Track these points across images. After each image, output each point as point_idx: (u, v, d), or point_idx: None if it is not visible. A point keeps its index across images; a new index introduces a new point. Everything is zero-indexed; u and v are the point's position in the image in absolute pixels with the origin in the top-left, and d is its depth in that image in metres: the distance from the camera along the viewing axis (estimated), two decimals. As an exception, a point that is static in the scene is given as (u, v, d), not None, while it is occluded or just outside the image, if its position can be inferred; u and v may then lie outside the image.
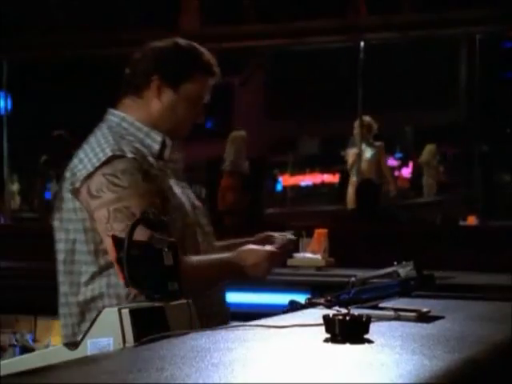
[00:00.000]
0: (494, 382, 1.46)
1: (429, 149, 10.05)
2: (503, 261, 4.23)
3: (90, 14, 7.99)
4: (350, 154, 8.11)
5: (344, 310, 1.81)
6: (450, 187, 10.47)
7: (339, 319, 1.48)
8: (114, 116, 2.24)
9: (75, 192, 2.12)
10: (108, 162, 2.09)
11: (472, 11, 6.48)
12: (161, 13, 7.93)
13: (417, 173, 10.54)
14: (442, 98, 10.81)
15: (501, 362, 1.52)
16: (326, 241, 4.32)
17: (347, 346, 1.45)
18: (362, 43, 7.49)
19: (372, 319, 1.53)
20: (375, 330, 1.56)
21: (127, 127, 2.20)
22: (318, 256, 4.24)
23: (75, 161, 2.16)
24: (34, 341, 4.39)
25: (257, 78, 9.17)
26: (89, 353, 1.55)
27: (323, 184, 11.27)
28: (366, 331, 1.50)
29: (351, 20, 6.96)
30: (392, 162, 11.91)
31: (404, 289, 1.97)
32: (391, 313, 1.84)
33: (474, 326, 1.79)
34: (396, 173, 11.77)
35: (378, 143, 7.97)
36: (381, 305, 1.90)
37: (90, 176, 2.09)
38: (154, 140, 2.20)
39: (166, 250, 1.69)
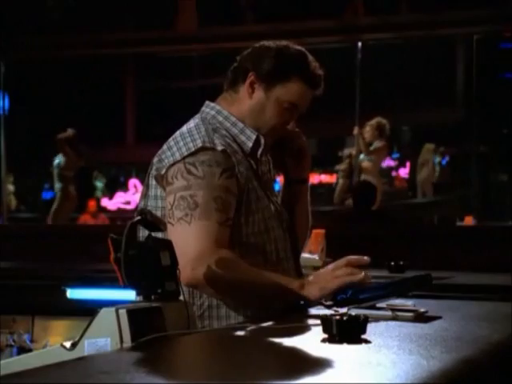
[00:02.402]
0: (491, 382, 1.47)
1: (426, 148, 10.06)
2: (500, 261, 4.23)
3: (88, 15, 7.99)
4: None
5: (342, 311, 1.82)
6: (448, 187, 10.48)
7: (336, 319, 1.48)
8: (209, 108, 2.19)
9: (159, 178, 2.09)
10: (196, 152, 2.05)
11: (469, 12, 6.49)
12: (158, 13, 7.92)
13: (414, 173, 10.55)
14: (440, 99, 10.81)
15: (498, 362, 1.52)
16: (324, 241, 4.31)
17: (344, 347, 1.45)
18: (359, 43, 7.49)
19: (369, 319, 1.53)
20: (372, 330, 1.56)
21: (222, 121, 2.16)
22: (316, 256, 4.23)
23: (164, 147, 2.12)
24: (32, 341, 4.38)
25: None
26: (86, 353, 1.55)
27: (321, 184, 11.27)
28: (364, 331, 1.50)
29: (349, 20, 6.96)
30: (389, 162, 11.92)
31: (401, 289, 1.97)
32: (388, 313, 1.84)
33: (471, 326, 1.79)
34: (393, 173, 11.78)
35: (381, 144, 7.89)
36: (378, 305, 1.90)
37: (174, 164, 2.06)
38: (249, 138, 2.14)
39: (163, 249, 1.69)
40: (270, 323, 1.76)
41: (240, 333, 1.71)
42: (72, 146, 8.51)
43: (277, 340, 1.60)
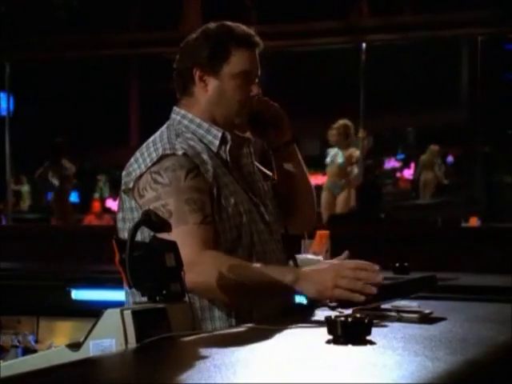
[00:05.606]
0: (496, 384, 1.46)
1: (431, 150, 10.05)
2: (505, 262, 4.23)
3: (92, 16, 8.00)
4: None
5: (346, 312, 1.81)
6: (452, 188, 10.47)
7: (341, 321, 1.48)
8: (175, 114, 2.21)
9: (128, 192, 2.10)
10: (158, 161, 2.06)
11: (474, 13, 6.49)
12: (162, 14, 7.93)
13: (418, 174, 10.55)
14: (444, 99, 10.81)
15: (503, 364, 1.52)
16: (328, 242, 4.31)
17: (349, 348, 1.45)
18: (363, 44, 7.49)
19: (374, 321, 1.52)
20: (377, 331, 1.56)
21: (188, 124, 2.17)
22: (320, 257, 4.22)
23: (131, 160, 2.14)
24: (37, 342, 4.38)
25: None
26: (91, 354, 1.55)
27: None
28: (368, 333, 1.50)
29: (353, 21, 6.97)
30: (394, 163, 11.92)
31: (406, 290, 1.97)
32: (393, 314, 1.84)
33: (476, 328, 1.79)
34: (397, 174, 11.77)
35: (351, 149, 7.84)
36: (383, 306, 1.89)
37: (141, 176, 2.08)
38: (215, 136, 2.14)
39: (168, 251, 1.69)
40: (274, 325, 1.76)
41: (244, 334, 1.71)
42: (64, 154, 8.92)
43: (282, 341, 1.60)
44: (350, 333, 1.48)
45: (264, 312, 2.02)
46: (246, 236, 2.11)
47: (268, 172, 2.30)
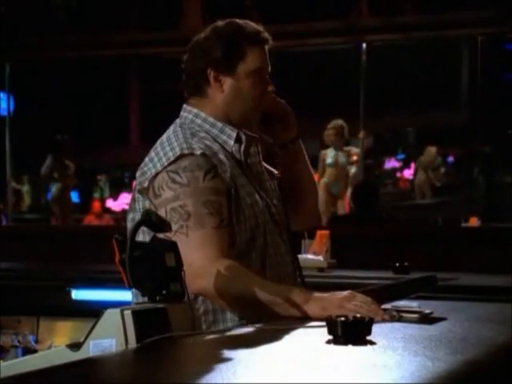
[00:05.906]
0: (496, 384, 1.46)
1: (428, 151, 10.06)
2: (505, 262, 4.23)
3: (92, 16, 8.00)
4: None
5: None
6: (452, 189, 10.47)
7: (341, 321, 1.48)
8: (187, 112, 2.18)
9: (143, 192, 2.08)
10: (175, 160, 2.04)
11: (474, 13, 6.48)
12: (162, 14, 7.92)
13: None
14: (444, 100, 10.80)
15: (503, 364, 1.52)
16: (328, 242, 4.32)
17: (349, 348, 1.45)
18: (364, 44, 7.49)
19: (374, 321, 1.52)
20: (377, 331, 1.56)
21: (201, 123, 2.15)
22: (320, 257, 4.24)
23: (146, 160, 2.12)
24: (37, 342, 4.39)
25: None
26: (91, 354, 1.55)
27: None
28: (369, 333, 1.50)
29: (353, 21, 6.96)
30: (394, 163, 11.91)
31: (406, 290, 1.97)
32: (393, 314, 1.84)
33: (477, 328, 1.79)
34: (398, 174, 11.77)
35: (348, 148, 7.82)
36: (383, 306, 1.89)
37: (156, 175, 2.05)
38: (229, 136, 2.13)
39: (168, 250, 1.69)
40: (275, 325, 1.76)
41: (245, 334, 1.71)
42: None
43: (282, 341, 1.60)
44: (350, 333, 1.48)
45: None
46: (259, 237, 2.11)
47: (273, 169, 2.30)
